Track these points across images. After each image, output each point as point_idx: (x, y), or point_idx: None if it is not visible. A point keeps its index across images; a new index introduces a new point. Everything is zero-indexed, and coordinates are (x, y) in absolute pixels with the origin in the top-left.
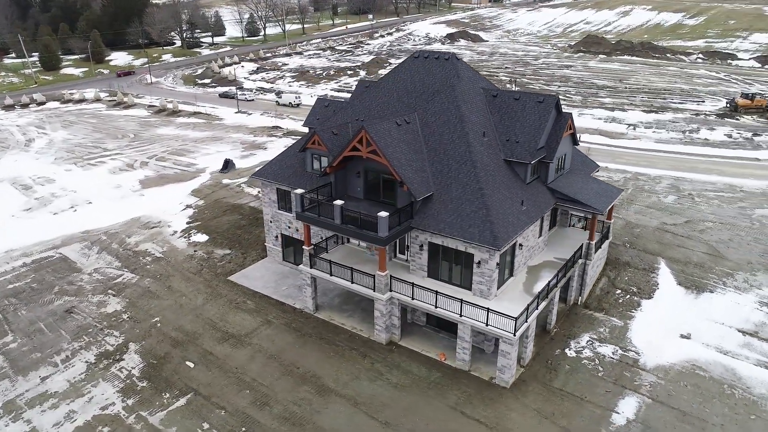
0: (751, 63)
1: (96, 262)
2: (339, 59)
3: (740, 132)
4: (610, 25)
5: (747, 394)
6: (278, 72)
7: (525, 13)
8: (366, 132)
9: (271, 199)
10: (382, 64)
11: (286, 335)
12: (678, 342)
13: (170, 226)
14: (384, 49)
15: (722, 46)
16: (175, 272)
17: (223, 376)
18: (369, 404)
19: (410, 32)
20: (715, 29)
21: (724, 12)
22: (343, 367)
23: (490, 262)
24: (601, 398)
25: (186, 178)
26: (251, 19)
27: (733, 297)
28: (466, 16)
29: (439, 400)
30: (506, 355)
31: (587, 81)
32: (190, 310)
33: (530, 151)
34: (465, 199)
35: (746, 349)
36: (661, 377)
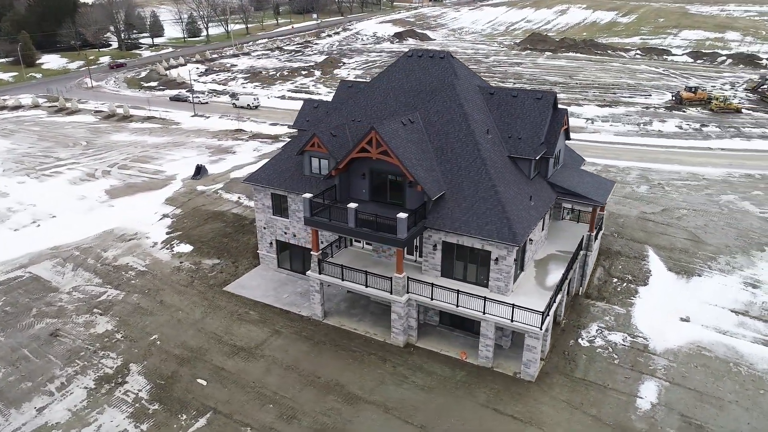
0: (685, 58)
1: (73, 280)
2: (290, 59)
3: (689, 123)
4: (550, 23)
5: (752, 371)
6: (229, 73)
7: (468, 12)
8: (376, 133)
9: (264, 204)
10: (336, 63)
11: (299, 344)
12: (679, 325)
13: (149, 238)
14: (334, 48)
15: (656, 42)
16: (164, 286)
17: (241, 391)
18: (400, 409)
19: (357, 32)
20: (648, 27)
21: (653, 10)
22: (366, 373)
23: (508, 259)
24: (623, 385)
25: (156, 186)
26: (191, 19)
27: (720, 279)
28: (411, 15)
29: (469, 399)
30: (532, 350)
31: (539, 77)
32: (190, 324)
33: (533, 147)
34: (478, 197)
35: (742, 328)
36: (672, 360)
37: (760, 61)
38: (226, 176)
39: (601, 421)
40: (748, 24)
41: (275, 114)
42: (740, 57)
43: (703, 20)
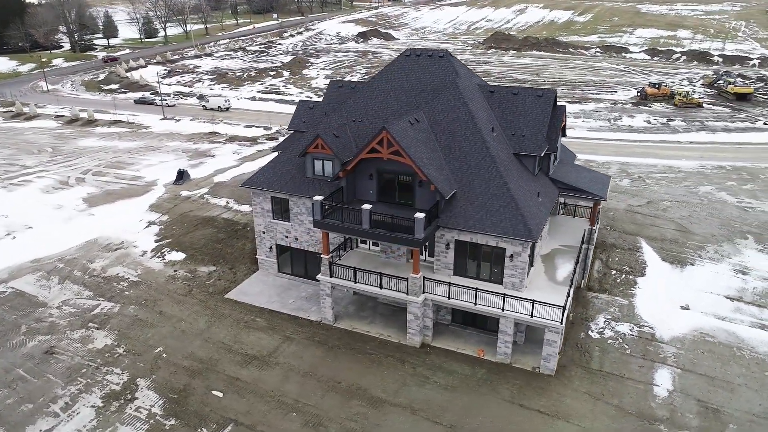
0: (642, 56)
1: (61, 294)
2: (255, 60)
3: (656, 118)
4: (510, 22)
5: (755, 354)
6: (193, 75)
7: (428, 11)
8: (388, 133)
9: (264, 208)
10: (303, 64)
11: (314, 350)
12: (680, 313)
13: (136, 246)
14: (298, 48)
15: (614, 40)
16: (161, 296)
17: (261, 401)
18: (427, 410)
19: (320, 31)
20: (604, 26)
21: (607, 9)
22: (386, 376)
23: (522, 255)
24: (638, 374)
25: (137, 192)
26: (147, 19)
27: (711, 267)
28: (372, 15)
29: (494, 396)
30: (551, 344)
31: (508, 75)
32: (195, 335)
33: (538, 144)
34: (491, 194)
35: (738, 314)
36: (679, 347)
37: (711, 58)
38: (210, 180)
39: (624, 410)
40: (697, 22)
41: (248, 116)
42: (694, 54)
43: (655, 19)
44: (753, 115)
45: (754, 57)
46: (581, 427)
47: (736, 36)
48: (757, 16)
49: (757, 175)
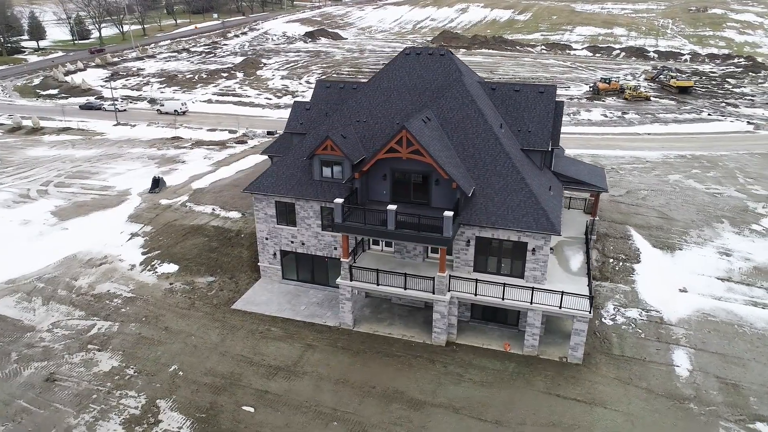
0: (585, 52)
1: (49, 316)
2: (203, 61)
3: (612, 112)
4: (453, 21)
5: (755, 330)
6: (139, 78)
7: (372, 10)
8: (408, 132)
9: (267, 214)
10: (256, 65)
11: (339, 356)
12: (680, 296)
13: (123, 260)
14: (245, 49)
15: (557, 38)
16: (162, 311)
17: (297, 412)
18: (469, 407)
19: (265, 31)
20: (545, 24)
21: (544, 8)
22: (419, 377)
23: (544, 248)
24: (657, 356)
25: (111, 203)
26: (79, 20)
27: (698, 251)
28: (317, 15)
29: (530, 389)
30: (580, 334)
31: None
32: (210, 349)
33: (544, 139)
34: (510, 190)
35: (731, 293)
36: (687, 328)
37: (648, 54)
38: (188, 187)
39: (654, 392)
40: (629, 21)
41: (208, 119)
42: (631, 50)
43: (591, 17)
44: (697, 107)
45: (685, 53)
46: (620, 412)
47: (666, 33)
48: (681, 15)
49: (716, 162)
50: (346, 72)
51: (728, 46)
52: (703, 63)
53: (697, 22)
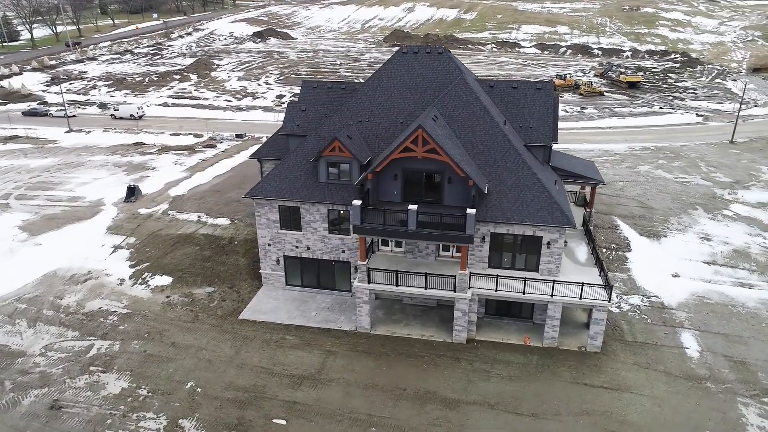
0: (533, 50)
1: (39, 339)
2: (150, 63)
3: (571, 107)
4: (402, 20)
5: (747, 309)
6: (85, 81)
7: (319, 10)
8: (423, 131)
9: (270, 219)
10: (210, 66)
11: (362, 360)
12: (673, 281)
13: (109, 275)
14: (193, 50)
15: (505, 36)
16: (164, 326)
17: (331, 421)
18: (503, 403)
19: (211, 32)
20: (491, 22)
21: (488, 7)
22: (448, 376)
23: (559, 241)
24: (667, 339)
25: (85, 215)
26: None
27: (681, 237)
28: (262, 14)
29: (557, 380)
30: (599, 323)
31: None
32: (225, 362)
33: (547, 135)
34: (522, 185)
35: (718, 275)
36: (687, 311)
37: (592, 51)
38: (166, 195)
39: (672, 374)
40: (569, 19)
41: (167, 123)
42: (577, 47)
43: (534, 16)
44: (648, 101)
45: (626, 49)
46: (646, 396)
47: (605, 31)
48: (617, 13)
49: (678, 153)
50: (305, 72)
51: (663, 42)
52: (643, 59)
53: (632, 20)
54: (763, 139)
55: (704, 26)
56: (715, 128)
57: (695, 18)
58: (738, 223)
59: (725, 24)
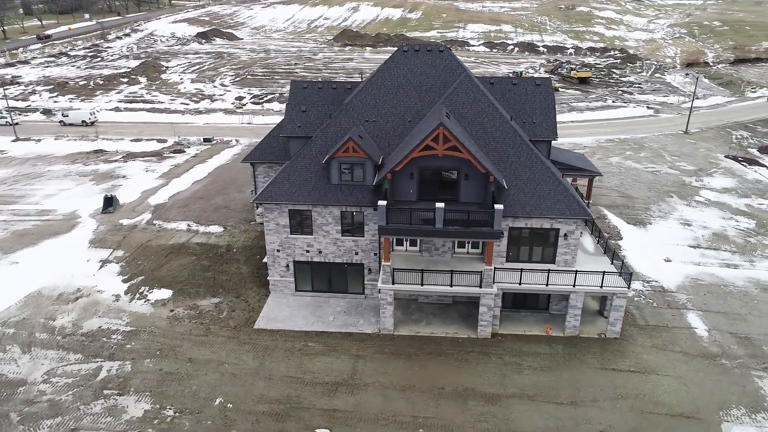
0: (482, 48)
1: (38, 364)
2: (92, 66)
3: None
4: (348, 20)
5: (737, 288)
6: (22, 86)
7: (261, 9)
8: (445, 128)
9: (279, 224)
10: (158, 68)
11: (393, 362)
12: (667, 265)
13: (102, 291)
14: (136, 51)
15: (453, 35)
16: (176, 341)
17: (376, 426)
18: (542, 394)
19: (151, 32)
20: (437, 22)
21: (431, 6)
22: (481, 371)
23: (575, 233)
24: (676, 321)
25: (61, 228)
26: None
27: (664, 224)
28: (203, 14)
29: (586, 367)
30: (619, 309)
31: None
32: (251, 375)
33: (551, 129)
34: (537, 180)
35: (705, 258)
36: (687, 293)
37: (538, 48)
38: (146, 204)
39: (689, 354)
40: (511, 18)
41: (124, 129)
42: (523, 45)
43: (477, 15)
44: (601, 96)
45: (569, 47)
46: (671, 376)
47: (546, 29)
48: (554, 12)
49: (642, 144)
50: (261, 73)
51: (602, 40)
52: (585, 56)
53: (570, 19)
54: (712, 128)
55: (635, 24)
56: (666, 120)
57: (626, 16)
58: (711, 208)
59: (653, 22)
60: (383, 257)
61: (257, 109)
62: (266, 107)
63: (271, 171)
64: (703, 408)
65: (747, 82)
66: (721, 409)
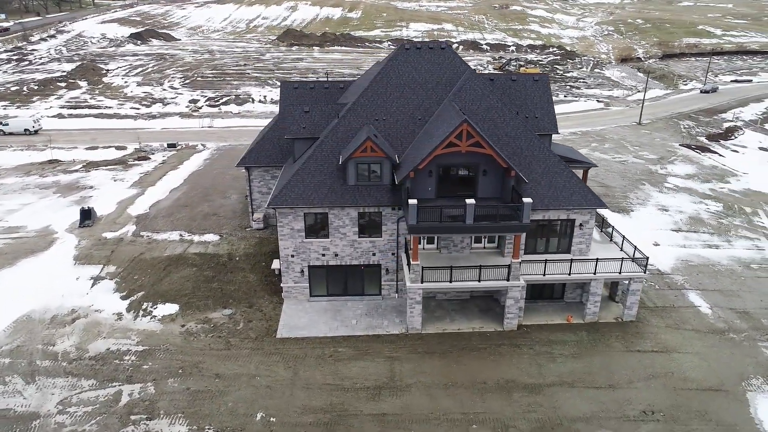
0: None
1: (47, 395)
2: (21, 70)
3: None
4: (287, 19)
5: (723, 267)
6: None
7: (195, 9)
8: (469, 125)
9: (294, 229)
10: (99, 71)
11: (430, 361)
12: (657, 249)
13: (100, 310)
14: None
15: (397, 34)
16: (197, 358)
17: (429, 426)
18: (580, 380)
19: (79, 33)
20: (379, 21)
21: (370, 5)
22: (517, 363)
23: (590, 222)
24: (679, 301)
25: (38, 246)
26: None
27: (644, 210)
28: (133, 14)
29: (614, 351)
30: (635, 293)
31: (335, 70)
32: (288, 386)
33: (553, 123)
34: (552, 172)
35: (688, 240)
36: (682, 274)
37: (482, 46)
38: (125, 215)
39: (701, 332)
40: (449, 17)
41: (73, 136)
42: (467, 43)
43: (416, 14)
44: (553, 91)
45: (510, 44)
46: (691, 353)
47: (485, 28)
48: (490, 11)
49: (603, 136)
50: (211, 74)
51: (539, 37)
52: (527, 53)
53: (506, 17)
54: (661, 119)
55: (566, 22)
56: (618, 112)
57: (556, 15)
58: (681, 194)
59: (581, 20)
60: (412, 256)
61: (214, 112)
62: (224, 110)
63: (267, 175)
64: (727, 381)
65: (678, 76)
66: (743, 380)
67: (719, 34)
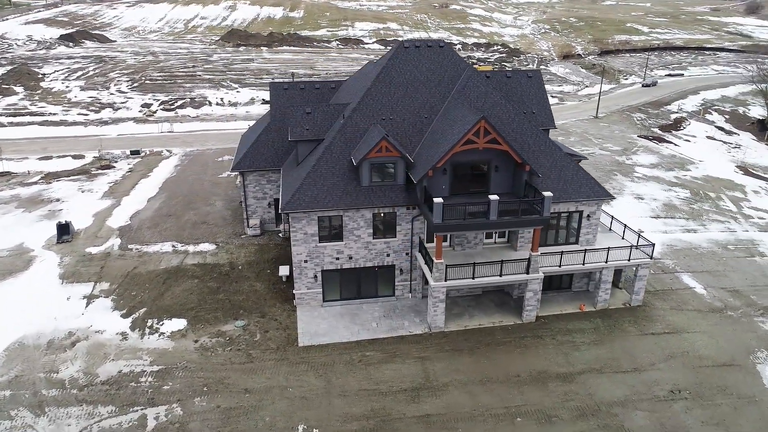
0: (376, 46)
1: (63, 425)
2: None
3: None
4: (227, 19)
5: (704, 250)
6: None
7: (127, 9)
8: (486, 122)
9: (307, 233)
10: (35, 76)
11: (459, 358)
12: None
13: (101, 332)
14: None
15: (344, 34)
16: (220, 374)
17: (475, 423)
18: (607, 366)
19: (0, 35)
20: (323, 20)
21: (310, 5)
22: (543, 354)
23: (597, 213)
24: (675, 284)
25: (14, 267)
26: None
27: (623, 200)
28: (59, 14)
29: (630, 335)
30: (642, 279)
31: (286, 71)
32: (323, 394)
33: (549, 118)
34: (560, 166)
35: (668, 226)
36: (671, 258)
37: None
38: (106, 228)
39: (701, 311)
40: (392, 16)
41: (20, 146)
42: None
43: (359, 14)
44: None
45: (455, 43)
46: (699, 332)
47: (429, 27)
48: (431, 10)
49: (567, 130)
50: (159, 77)
51: (482, 36)
52: (473, 51)
53: (447, 16)
54: (614, 112)
55: (504, 21)
56: (573, 107)
57: (494, 14)
58: (650, 182)
59: (518, 19)
60: (435, 255)
61: (171, 116)
62: (180, 114)
63: (262, 179)
64: (737, 356)
65: (618, 71)
66: (750, 354)
67: (646, 31)
